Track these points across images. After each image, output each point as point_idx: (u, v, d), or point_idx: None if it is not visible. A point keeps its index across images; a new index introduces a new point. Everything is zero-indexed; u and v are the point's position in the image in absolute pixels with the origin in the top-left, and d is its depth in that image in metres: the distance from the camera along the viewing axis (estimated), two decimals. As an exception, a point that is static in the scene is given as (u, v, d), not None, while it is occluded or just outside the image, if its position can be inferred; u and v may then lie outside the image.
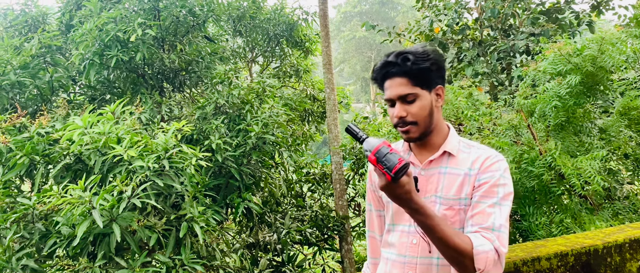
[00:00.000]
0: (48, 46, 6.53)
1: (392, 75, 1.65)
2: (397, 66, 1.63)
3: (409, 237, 1.71)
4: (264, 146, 6.12)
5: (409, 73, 1.62)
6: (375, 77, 1.71)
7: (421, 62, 1.62)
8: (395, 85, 1.64)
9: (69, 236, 4.05)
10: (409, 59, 1.62)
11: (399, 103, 1.64)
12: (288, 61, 10.62)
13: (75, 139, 4.30)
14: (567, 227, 4.36)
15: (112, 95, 6.87)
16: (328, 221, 8.06)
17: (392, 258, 1.75)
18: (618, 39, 4.74)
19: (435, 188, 1.69)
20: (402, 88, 1.63)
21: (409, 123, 1.64)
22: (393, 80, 1.65)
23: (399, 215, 1.74)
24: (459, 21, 9.70)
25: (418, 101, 1.64)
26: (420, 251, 1.68)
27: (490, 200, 1.60)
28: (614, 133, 5.11)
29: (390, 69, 1.65)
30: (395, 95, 1.64)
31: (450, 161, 1.71)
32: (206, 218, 4.57)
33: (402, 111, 1.63)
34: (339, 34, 43.28)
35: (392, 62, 1.64)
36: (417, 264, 1.68)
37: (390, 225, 1.79)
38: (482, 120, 5.32)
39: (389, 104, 1.69)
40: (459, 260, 1.48)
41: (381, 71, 1.68)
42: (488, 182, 1.61)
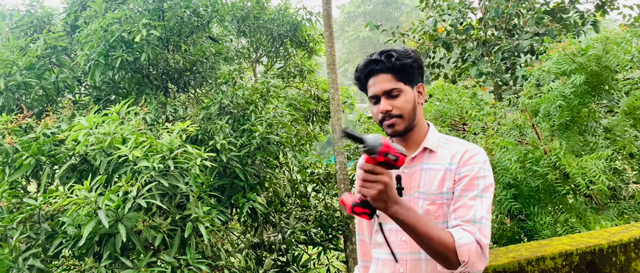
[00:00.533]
0: (53, 47, 6.57)
1: (377, 72, 1.70)
2: (382, 63, 1.69)
3: (397, 235, 1.72)
4: (268, 146, 6.13)
5: (393, 69, 1.68)
6: (359, 76, 1.76)
7: (404, 59, 1.68)
8: (380, 81, 1.69)
9: (75, 236, 4.08)
10: (393, 55, 1.68)
11: (384, 98, 1.69)
12: (292, 61, 10.63)
13: (80, 139, 4.32)
14: (572, 227, 4.35)
15: (117, 96, 6.90)
16: (332, 221, 8.06)
17: (383, 257, 1.76)
18: (623, 38, 4.73)
19: (418, 184, 1.71)
20: (387, 83, 1.68)
21: (395, 116, 1.68)
22: (377, 77, 1.70)
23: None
24: (463, 21, 9.69)
25: (402, 95, 1.69)
26: (409, 247, 1.69)
27: (471, 193, 1.62)
28: (619, 132, 5.09)
29: (374, 67, 1.70)
30: (380, 90, 1.69)
31: (431, 157, 1.74)
32: (211, 218, 4.59)
33: (387, 105, 1.68)
34: (343, 34, 43.28)
35: (376, 59, 1.70)
36: (407, 261, 1.70)
37: (378, 225, 1.78)
38: (486, 120, 5.31)
39: (373, 102, 1.74)
40: (443, 255, 1.49)
41: (365, 70, 1.73)
42: (468, 175, 1.64)
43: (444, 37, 9.78)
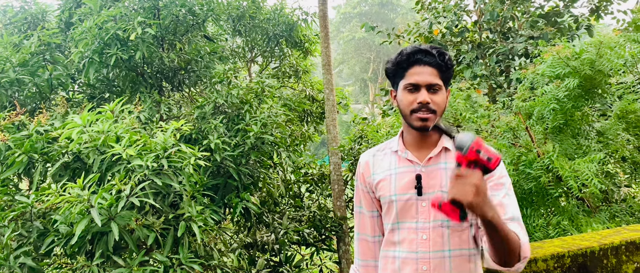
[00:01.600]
0: (47, 44, 6.54)
1: (425, 63, 1.71)
2: (433, 57, 1.71)
3: (418, 233, 1.73)
4: (262, 146, 6.12)
5: (441, 67, 1.71)
6: (402, 60, 1.74)
7: (451, 62, 1.74)
8: (426, 73, 1.70)
9: (67, 234, 4.05)
10: (445, 54, 1.72)
11: (424, 89, 1.70)
12: (287, 61, 10.63)
13: (74, 137, 4.30)
14: (564, 229, 4.38)
15: (111, 94, 6.87)
16: (326, 221, 8.07)
17: (402, 255, 1.76)
18: (616, 43, 4.76)
19: (440, 183, 1.73)
20: (432, 77, 1.70)
21: (431, 111, 1.69)
22: (424, 68, 1.71)
23: (404, 212, 1.76)
24: (458, 24, 9.72)
25: (441, 93, 1.72)
26: (432, 246, 1.71)
27: (502, 192, 1.69)
28: (612, 136, 5.13)
29: (423, 57, 1.71)
30: (425, 81, 1.70)
31: (449, 156, 1.76)
32: (204, 217, 4.58)
33: (428, 97, 1.69)
34: (339, 35, 43.29)
35: (427, 51, 1.72)
36: (430, 259, 1.71)
37: (395, 224, 1.79)
38: (480, 122, 5.33)
39: (409, 89, 1.72)
40: (513, 252, 1.55)
41: (413, 57, 1.72)
42: (493, 176, 1.69)
43: (439, 39, 9.80)
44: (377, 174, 1.86)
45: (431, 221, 1.72)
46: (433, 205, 1.47)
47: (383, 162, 1.86)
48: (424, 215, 1.73)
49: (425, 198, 1.73)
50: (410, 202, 1.75)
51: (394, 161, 1.83)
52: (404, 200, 1.75)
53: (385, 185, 1.81)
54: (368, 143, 8.55)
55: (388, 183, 1.80)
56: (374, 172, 1.87)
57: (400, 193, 1.76)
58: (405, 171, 1.78)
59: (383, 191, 1.82)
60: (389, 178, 1.81)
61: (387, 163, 1.84)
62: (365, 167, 1.91)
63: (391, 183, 1.80)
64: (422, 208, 1.73)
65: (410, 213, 1.75)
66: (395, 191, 1.77)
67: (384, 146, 1.92)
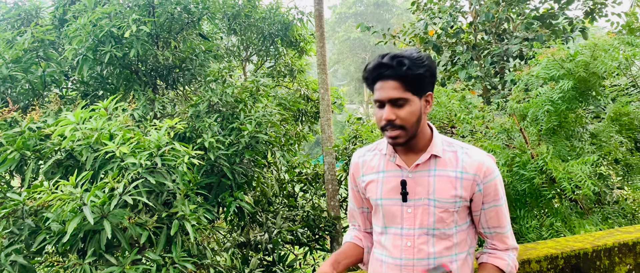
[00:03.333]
0: (41, 40, 6.49)
1: (385, 77, 1.62)
2: (392, 69, 1.60)
3: (402, 240, 1.72)
4: (256, 145, 6.11)
5: (402, 77, 1.60)
6: (367, 77, 1.68)
7: (416, 68, 1.61)
8: (388, 88, 1.62)
9: (59, 232, 4.03)
10: (405, 63, 1.60)
11: (388, 105, 1.63)
12: (282, 60, 10.62)
13: (67, 134, 4.27)
14: (558, 231, 4.39)
15: (105, 91, 6.84)
16: (319, 221, 8.06)
17: (388, 261, 1.75)
18: (611, 45, 4.78)
19: (427, 191, 1.70)
20: (393, 92, 1.61)
21: (397, 127, 1.63)
22: (385, 82, 1.62)
23: (389, 218, 1.75)
24: (453, 25, 9.74)
25: (408, 106, 1.63)
26: (415, 253, 1.70)
27: (498, 203, 1.75)
28: (605, 138, 5.15)
29: (383, 71, 1.62)
30: (386, 97, 1.62)
31: (438, 163, 1.72)
32: (198, 216, 4.56)
33: (391, 114, 1.62)
34: (334, 35, 43.31)
35: (386, 64, 1.61)
36: (413, 266, 1.70)
37: (383, 228, 1.79)
38: (474, 123, 5.34)
39: (378, 105, 1.67)
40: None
41: (374, 72, 1.64)
42: (491, 188, 1.72)
43: (434, 40, 9.82)
44: (366, 175, 1.84)
45: (416, 228, 1.70)
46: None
47: (372, 163, 1.83)
48: (409, 221, 1.71)
49: (411, 205, 1.70)
50: (395, 208, 1.73)
51: (383, 163, 1.80)
52: (389, 205, 1.74)
53: (372, 188, 1.80)
54: (362, 143, 8.54)
55: (375, 185, 1.79)
56: (363, 173, 1.85)
57: (386, 197, 1.74)
58: (392, 176, 1.75)
59: (371, 193, 1.80)
60: (376, 181, 1.79)
61: (377, 165, 1.82)
62: (355, 168, 1.90)
63: (378, 186, 1.78)
64: (407, 214, 1.71)
65: (396, 219, 1.73)
66: (381, 196, 1.76)
67: (375, 146, 1.89)
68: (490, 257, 1.79)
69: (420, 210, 1.69)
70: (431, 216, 1.68)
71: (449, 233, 1.71)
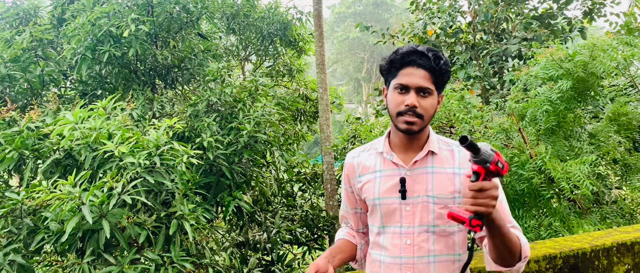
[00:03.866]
0: (39, 40, 6.49)
1: (418, 65, 1.65)
2: (427, 60, 1.64)
3: (401, 238, 1.71)
4: (255, 144, 6.11)
5: (434, 70, 1.65)
6: (396, 60, 1.69)
7: (446, 66, 1.67)
8: (418, 76, 1.64)
9: (58, 232, 4.02)
10: (441, 58, 1.66)
11: (414, 92, 1.65)
12: (281, 60, 10.62)
13: (65, 134, 4.27)
14: (556, 230, 4.39)
15: (103, 90, 6.83)
16: (318, 221, 8.06)
17: (387, 260, 1.74)
18: (609, 45, 4.78)
19: (425, 188, 1.70)
20: (423, 81, 1.64)
21: (417, 115, 1.65)
22: (417, 70, 1.65)
23: (388, 216, 1.74)
24: (452, 24, 9.74)
25: (430, 98, 1.66)
26: (415, 251, 1.69)
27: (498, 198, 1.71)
28: (604, 138, 5.16)
29: (417, 59, 1.65)
30: (415, 84, 1.64)
31: (436, 160, 1.73)
32: (196, 216, 4.56)
33: (415, 101, 1.64)
34: (333, 35, 43.30)
35: (423, 53, 1.65)
36: (414, 264, 1.69)
37: (381, 228, 1.77)
38: (473, 123, 5.34)
39: (400, 90, 1.67)
40: (514, 252, 1.60)
41: (407, 57, 1.66)
42: None
43: (433, 40, 9.82)
44: (363, 176, 1.83)
45: (416, 226, 1.69)
46: (449, 216, 1.46)
47: (368, 163, 1.83)
48: (408, 219, 1.70)
49: (410, 202, 1.70)
50: (394, 206, 1.72)
51: (379, 163, 1.79)
52: (388, 204, 1.73)
53: (369, 188, 1.79)
54: (361, 142, 8.55)
55: (372, 185, 1.78)
56: (359, 174, 1.85)
57: (384, 196, 1.73)
58: (390, 174, 1.75)
59: (367, 193, 1.79)
60: (373, 181, 1.78)
61: (373, 165, 1.81)
62: (350, 169, 1.89)
63: (375, 185, 1.77)
64: (406, 212, 1.70)
65: (394, 218, 1.72)
66: (379, 195, 1.75)
67: (370, 146, 1.89)
68: None
69: (420, 207, 1.69)
70: (430, 213, 1.68)
71: (449, 230, 1.70)
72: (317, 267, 1.70)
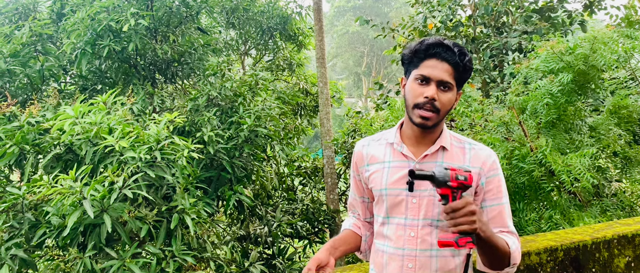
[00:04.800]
0: (39, 34, 6.47)
1: (442, 58, 1.63)
2: (452, 54, 1.63)
3: (405, 230, 1.71)
4: (256, 139, 6.11)
5: (457, 66, 1.64)
6: (420, 49, 1.67)
7: (470, 63, 1.67)
8: (442, 69, 1.63)
9: (59, 226, 4.03)
10: (466, 55, 1.64)
11: (434, 85, 1.63)
12: (281, 54, 10.60)
13: (66, 129, 4.27)
14: (556, 223, 4.40)
15: (103, 85, 6.82)
16: (319, 214, 8.08)
17: (390, 251, 1.74)
18: (610, 38, 4.78)
19: None
20: (446, 75, 1.63)
21: (434, 109, 1.63)
22: (441, 63, 1.63)
23: (393, 207, 1.74)
24: (452, 18, 9.72)
25: (450, 93, 1.65)
26: (418, 243, 1.69)
27: (501, 200, 1.73)
28: (604, 131, 5.16)
29: (442, 52, 1.63)
30: (437, 77, 1.63)
31: (446, 156, 1.73)
32: (197, 210, 4.56)
33: (435, 93, 1.62)
34: (332, 29, 43.20)
35: (448, 46, 1.64)
36: (416, 256, 1.69)
37: (385, 218, 1.78)
38: (474, 116, 5.34)
39: (420, 81, 1.66)
40: (501, 260, 1.63)
41: (433, 49, 1.65)
42: (494, 182, 1.72)
43: (433, 33, 9.80)
44: (371, 165, 1.82)
45: (420, 219, 1.70)
46: (440, 244, 1.50)
47: (377, 153, 1.82)
48: (413, 211, 1.70)
49: (416, 195, 1.69)
50: (400, 198, 1.72)
51: (389, 153, 1.79)
52: (394, 195, 1.73)
53: (377, 177, 1.78)
54: (361, 136, 8.55)
55: (380, 175, 1.77)
56: (367, 163, 1.84)
57: (391, 187, 1.73)
58: (399, 166, 1.74)
59: (374, 183, 1.79)
60: (381, 171, 1.78)
61: (382, 155, 1.81)
62: (359, 156, 1.88)
63: (383, 176, 1.77)
64: (412, 204, 1.71)
65: (400, 209, 1.72)
66: (386, 185, 1.75)
67: (380, 136, 1.88)
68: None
69: (426, 201, 1.69)
70: (436, 208, 1.68)
71: None
72: (319, 261, 1.70)
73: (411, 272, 1.69)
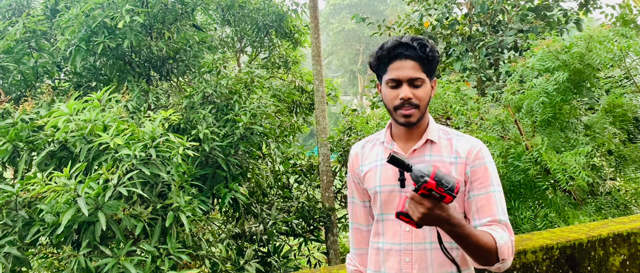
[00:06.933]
0: (33, 31, 6.42)
1: (405, 57, 1.66)
2: (413, 50, 1.66)
3: (400, 225, 1.74)
4: (251, 136, 6.09)
5: (421, 59, 1.66)
6: (383, 55, 1.71)
7: (433, 52, 1.68)
8: (408, 67, 1.66)
9: (53, 224, 4.00)
10: (427, 45, 1.66)
11: (406, 84, 1.66)
12: (277, 51, 10.57)
13: (60, 126, 4.24)
14: (552, 221, 4.41)
15: (98, 82, 6.78)
16: (314, 212, 8.07)
17: (386, 247, 1.77)
18: (606, 37, 4.79)
19: None
20: (413, 71, 1.66)
21: (413, 106, 1.67)
22: (405, 62, 1.66)
23: (387, 203, 1.77)
24: (448, 16, 9.73)
25: (423, 87, 1.68)
26: (414, 237, 1.72)
27: (489, 189, 1.70)
28: (599, 129, 5.18)
29: (403, 51, 1.66)
30: (406, 76, 1.66)
31: (433, 149, 1.76)
32: (192, 207, 4.55)
33: (409, 92, 1.66)
34: (328, 26, 43.17)
35: (408, 44, 1.66)
36: (412, 250, 1.72)
37: (379, 215, 1.81)
38: (469, 114, 5.35)
39: (392, 85, 1.69)
40: (487, 257, 1.57)
41: (393, 51, 1.68)
42: (479, 171, 1.70)
43: (429, 31, 9.81)
44: (365, 165, 1.86)
45: None
46: (395, 214, 1.52)
47: (371, 153, 1.87)
48: None
49: (408, 190, 1.71)
50: (393, 194, 1.75)
51: (381, 152, 1.83)
52: (388, 192, 1.76)
53: (371, 176, 1.82)
54: (357, 134, 8.55)
55: (374, 174, 1.81)
56: (362, 163, 1.88)
57: (384, 184, 1.77)
58: None
59: (369, 182, 1.83)
60: (374, 170, 1.82)
61: (375, 155, 1.85)
62: (355, 159, 1.92)
63: (376, 174, 1.80)
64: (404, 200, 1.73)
65: (393, 205, 1.75)
66: (379, 183, 1.78)
67: (374, 137, 1.93)
68: (483, 226, 1.71)
69: None
70: None
71: None
72: None
73: (408, 266, 1.72)
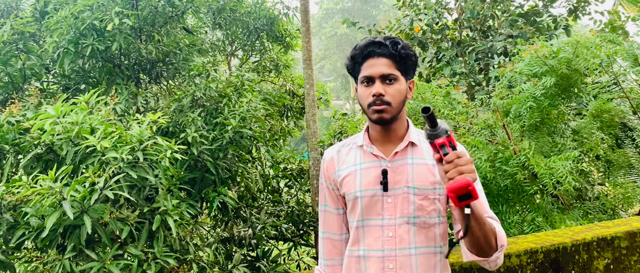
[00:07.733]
0: (21, 33, 6.36)
1: (378, 55, 1.68)
2: (386, 48, 1.67)
3: (383, 231, 1.70)
4: (241, 140, 6.07)
5: (394, 56, 1.67)
6: (357, 54, 1.72)
7: (407, 49, 1.69)
8: (380, 64, 1.67)
9: (38, 227, 3.96)
10: (399, 43, 1.68)
11: (379, 81, 1.67)
12: (268, 55, 10.55)
13: (46, 128, 4.20)
14: (539, 226, 4.43)
15: (86, 85, 6.74)
16: (304, 217, 8.05)
17: (368, 254, 1.72)
18: (592, 43, 4.83)
19: (406, 179, 1.70)
20: (385, 68, 1.66)
21: (385, 103, 1.66)
22: (377, 59, 1.68)
23: (369, 209, 1.72)
24: (438, 21, 9.77)
25: (397, 84, 1.68)
26: (397, 243, 1.68)
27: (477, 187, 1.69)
28: (587, 134, 5.21)
29: (376, 49, 1.68)
30: (378, 73, 1.66)
31: (415, 152, 1.74)
32: (180, 211, 4.52)
33: (381, 89, 1.65)
34: (321, 31, 43.24)
35: (380, 42, 1.68)
36: (396, 256, 1.68)
37: (360, 222, 1.75)
38: (458, 119, 5.36)
39: (365, 84, 1.70)
40: (490, 240, 1.56)
41: (366, 49, 1.70)
42: None
43: (419, 36, 9.85)
44: (342, 170, 1.81)
45: (397, 218, 1.69)
46: (450, 193, 1.39)
47: (348, 158, 1.82)
48: (390, 211, 1.70)
49: (391, 194, 1.69)
50: (375, 198, 1.71)
51: (359, 156, 1.79)
52: (369, 196, 1.72)
53: (350, 181, 1.77)
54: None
55: (353, 178, 1.76)
56: (338, 168, 1.83)
57: (366, 189, 1.72)
58: (371, 167, 1.75)
59: (348, 187, 1.77)
60: (353, 174, 1.77)
61: (352, 159, 1.81)
62: (330, 163, 1.87)
63: (356, 179, 1.76)
64: (387, 204, 1.70)
65: (376, 210, 1.71)
66: (360, 188, 1.74)
67: (349, 141, 1.89)
68: None
69: (400, 199, 1.68)
70: (411, 204, 1.67)
71: (430, 222, 1.69)
72: None
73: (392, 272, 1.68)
